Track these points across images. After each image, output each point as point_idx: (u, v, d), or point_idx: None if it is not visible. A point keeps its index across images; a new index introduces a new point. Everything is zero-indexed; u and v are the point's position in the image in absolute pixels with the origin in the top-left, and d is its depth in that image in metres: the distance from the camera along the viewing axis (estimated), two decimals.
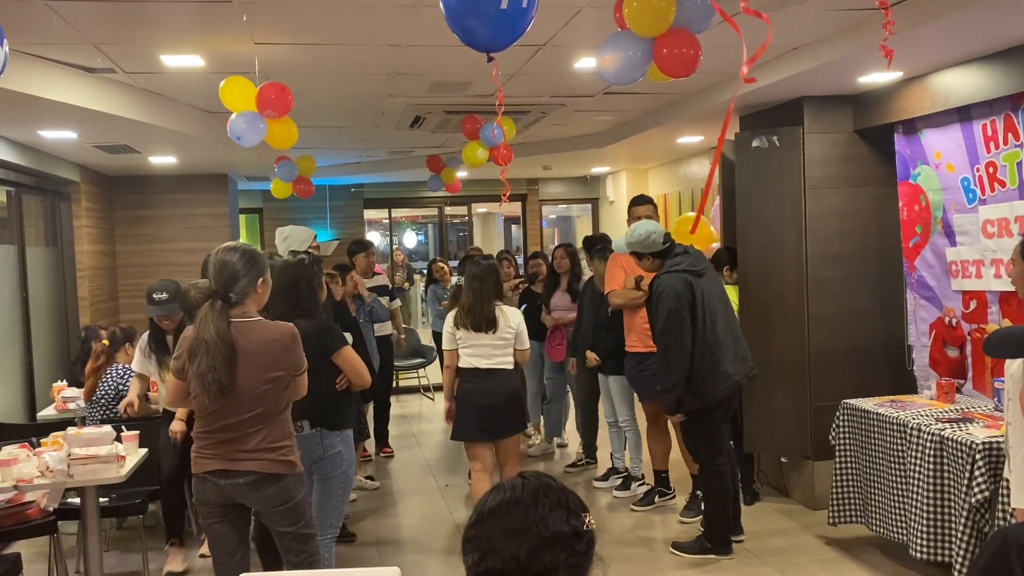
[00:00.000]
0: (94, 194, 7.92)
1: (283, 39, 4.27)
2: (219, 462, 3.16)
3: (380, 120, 6.70)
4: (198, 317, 3.14)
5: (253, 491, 3.17)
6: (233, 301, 3.12)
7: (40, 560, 4.80)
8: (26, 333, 6.57)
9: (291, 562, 3.28)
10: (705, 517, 4.85)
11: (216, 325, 3.05)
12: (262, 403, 3.13)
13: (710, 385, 4.57)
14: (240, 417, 3.12)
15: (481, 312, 4.58)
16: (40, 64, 4.45)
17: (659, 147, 8.17)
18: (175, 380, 3.22)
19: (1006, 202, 4.42)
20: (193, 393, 3.14)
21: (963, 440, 3.81)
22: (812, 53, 4.58)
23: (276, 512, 3.22)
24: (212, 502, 3.22)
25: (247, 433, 3.13)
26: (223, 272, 3.14)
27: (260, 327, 3.17)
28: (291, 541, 3.27)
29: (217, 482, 3.17)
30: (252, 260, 3.17)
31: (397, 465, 7.07)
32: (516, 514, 1.46)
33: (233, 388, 3.06)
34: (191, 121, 5.94)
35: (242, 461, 3.14)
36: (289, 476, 3.22)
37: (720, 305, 4.68)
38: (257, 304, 3.22)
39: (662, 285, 4.62)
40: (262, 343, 3.13)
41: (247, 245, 3.27)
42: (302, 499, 3.30)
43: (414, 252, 15.42)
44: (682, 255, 4.72)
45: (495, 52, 2.75)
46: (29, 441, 4.24)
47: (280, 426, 3.21)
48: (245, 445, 3.14)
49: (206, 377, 3.04)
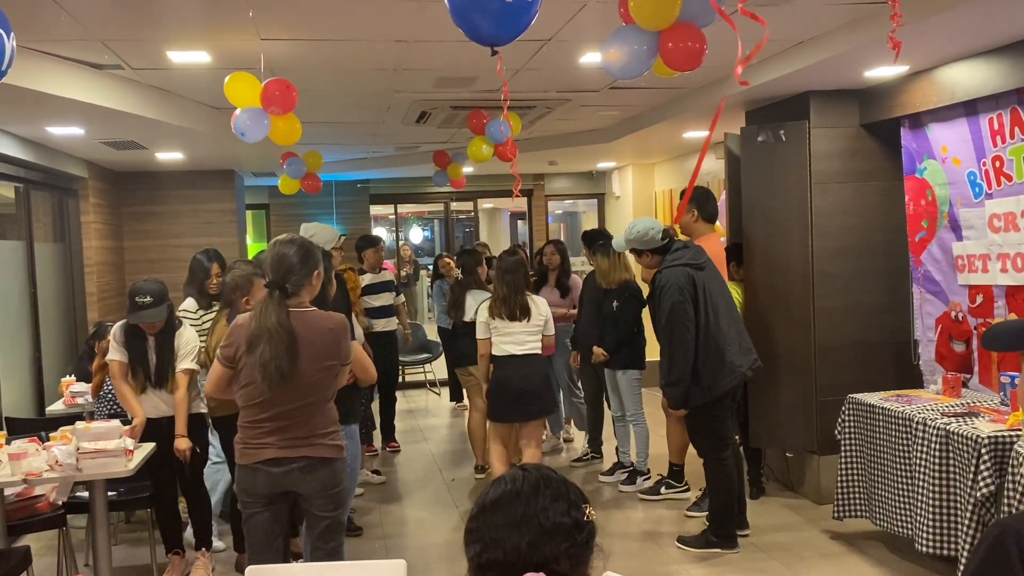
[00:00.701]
0: (101, 190, 7.96)
1: (289, 35, 4.28)
2: (272, 450, 3.23)
3: (386, 115, 6.71)
4: (257, 306, 3.25)
5: (306, 475, 3.25)
6: (290, 292, 3.23)
7: (49, 553, 4.84)
8: (35, 328, 6.61)
9: (321, 549, 3.35)
10: (710, 511, 4.85)
11: (277, 314, 3.16)
12: (315, 391, 3.25)
13: (717, 377, 4.58)
14: (295, 404, 3.22)
15: (516, 302, 5.03)
16: (48, 61, 4.48)
17: (665, 142, 8.16)
18: (220, 368, 3.28)
19: (1013, 196, 4.41)
20: (246, 381, 3.21)
21: (969, 434, 3.80)
22: (818, 47, 4.57)
23: (325, 496, 3.30)
24: (261, 492, 3.28)
25: (301, 420, 3.23)
26: (280, 264, 3.24)
27: (315, 317, 3.29)
28: (326, 529, 3.35)
29: (270, 471, 3.24)
30: (308, 254, 3.29)
31: (403, 459, 7.09)
32: (517, 505, 1.47)
33: (292, 376, 3.16)
34: (198, 117, 5.96)
35: (297, 448, 3.23)
36: (338, 460, 3.33)
37: (721, 297, 4.68)
38: (310, 295, 3.33)
39: (664, 279, 4.62)
40: (318, 332, 3.24)
41: (303, 239, 3.38)
42: (345, 487, 3.42)
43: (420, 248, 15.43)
44: (682, 249, 4.73)
45: (499, 46, 2.76)
46: (38, 435, 4.26)
47: (330, 412, 3.33)
48: (299, 432, 3.23)
49: (269, 365, 3.13)
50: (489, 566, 1.45)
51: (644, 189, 10.07)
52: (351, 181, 10.80)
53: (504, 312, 5.03)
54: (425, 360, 9.72)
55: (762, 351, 4.98)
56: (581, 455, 6.70)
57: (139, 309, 4.29)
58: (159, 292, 4.34)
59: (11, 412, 5.71)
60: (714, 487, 4.80)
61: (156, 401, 4.48)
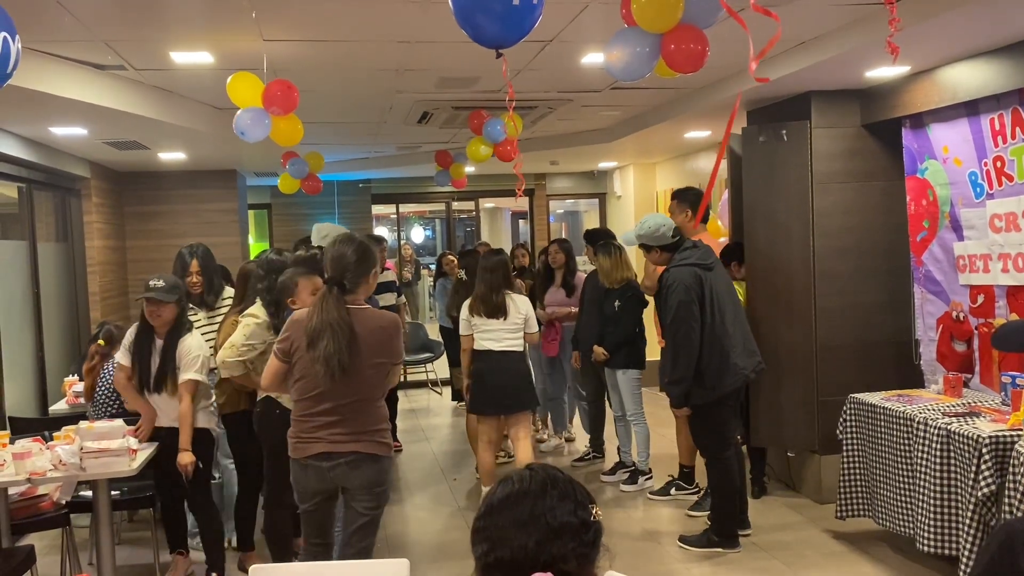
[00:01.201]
0: (104, 190, 7.97)
1: (292, 36, 4.29)
2: (323, 445, 3.32)
3: (388, 116, 6.72)
4: (318, 302, 3.33)
5: (352, 470, 3.33)
6: (348, 289, 3.33)
7: (53, 552, 4.85)
8: (37, 328, 6.62)
9: (354, 547, 3.40)
10: (712, 511, 4.86)
11: (338, 310, 3.26)
12: (367, 387, 3.34)
13: (721, 378, 4.59)
14: (349, 400, 3.31)
15: (493, 300, 5.17)
16: (51, 61, 4.49)
17: (666, 142, 8.17)
18: (277, 362, 3.37)
19: (1014, 196, 4.42)
20: (300, 375, 3.31)
21: (970, 434, 3.81)
22: (819, 47, 4.58)
23: (368, 493, 3.37)
24: (313, 488, 3.39)
25: (352, 416, 3.32)
26: (339, 263, 3.36)
27: (369, 315, 3.39)
28: (362, 526, 3.41)
29: (320, 465, 3.34)
30: (365, 253, 3.39)
31: (405, 459, 7.10)
32: (524, 505, 1.48)
33: (352, 370, 3.26)
34: (200, 117, 5.97)
35: (346, 443, 3.32)
36: (385, 459, 3.41)
37: (728, 299, 4.69)
38: (366, 293, 3.45)
39: (672, 278, 4.64)
40: (372, 330, 3.34)
41: (361, 238, 3.49)
42: (388, 487, 3.50)
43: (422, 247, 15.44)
44: (691, 249, 4.74)
45: (504, 48, 2.76)
46: (41, 435, 4.28)
47: (379, 410, 3.42)
48: (350, 427, 3.32)
49: (332, 359, 3.21)
50: (496, 565, 1.46)
51: (645, 189, 10.08)
52: (353, 181, 10.80)
53: (483, 310, 5.20)
54: (427, 359, 9.73)
55: (763, 350, 4.98)
56: (583, 455, 6.71)
57: (149, 290, 4.27)
58: (173, 282, 4.37)
59: (14, 412, 5.72)
60: (716, 487, 4.81)
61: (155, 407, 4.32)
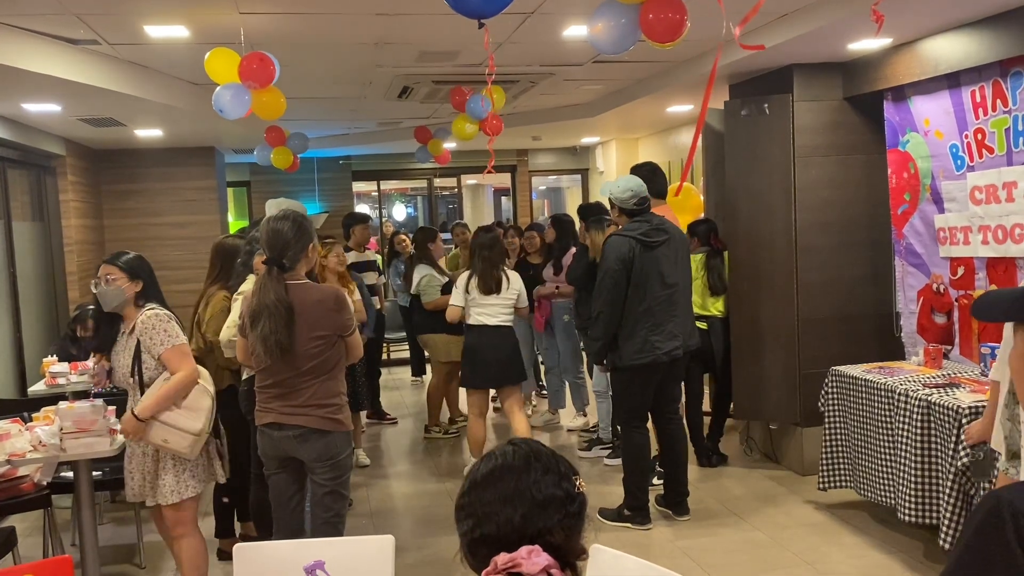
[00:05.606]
0: (80, 168, 7.85)
1: (268, 8, 4.22)
2: (273, 415, 3.42)
3: (368, 90, 6.65)
4: (257, 283, 3.40)
5: (301, 444, 3.41)
6: (287, 267, 3.35)
7: (35, 534, 4.82)
8: (15, 309, 6.54)
9: (320, 518, 3.48)
10: (624, 483, 4.89)
11: (275, 291, 3.31)
12: (311, 360, 3.37)
13: (627, 350, 4.65)
14: (291, 374, 3.36)
15: (491, 276, 5.38)
16: (22, 35, 4.39)
17: (649, 116, 8.14)
18: (241, 339, 3.51)
19: (994, 168, 4.43)
20: (252, 351, 3.40)
21: (949, 405, 3.85)
22: (801, 20, 4.55)
23: (319, 465, 3.43)
24: (269, 454, 3.50)
25: (298, 389, 3.38)
26: (276, 240, 3.35)
27: (307, 289, 3.41)
28: (324, 495, 3.47)
29: (271, 434, 3.44)
30: (301, 228, 3.39)
31: (389, 434, 7.10)
32: (508, 480, 1.48)
33: (292, 347, 3.31)
34: (177, 93, 5.87)
35: (293, 415, 3.39)
36: (335, 433, 3.44)
37: (658, 279, 4.62)
38: (307, 267, 3.47)
39: (609, 246, 4.71)
40: (309, 304, 3.37)
41: (296, 213, 3.47)
42: (345, 458, 3.51)
43: (404, 224, 15.34)
44: (641, 222, 4.69)
45: (485, 19, 2.73)
46: (20, 416, 4.23)
47: (329, 384, 3.44)
48: (296, 400, 3.38)
49: (269, 339, 3.29)
50: (483, 541, 1.46)
51: (628, 164, 9.91)
52: (333, 157, 10.71)
53: (480, 286, 5.38)
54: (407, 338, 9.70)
55: (746, 324, 5.01)
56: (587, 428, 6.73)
57: None
58: None
59: None
60: (624, 456, 4.90)
61: None
